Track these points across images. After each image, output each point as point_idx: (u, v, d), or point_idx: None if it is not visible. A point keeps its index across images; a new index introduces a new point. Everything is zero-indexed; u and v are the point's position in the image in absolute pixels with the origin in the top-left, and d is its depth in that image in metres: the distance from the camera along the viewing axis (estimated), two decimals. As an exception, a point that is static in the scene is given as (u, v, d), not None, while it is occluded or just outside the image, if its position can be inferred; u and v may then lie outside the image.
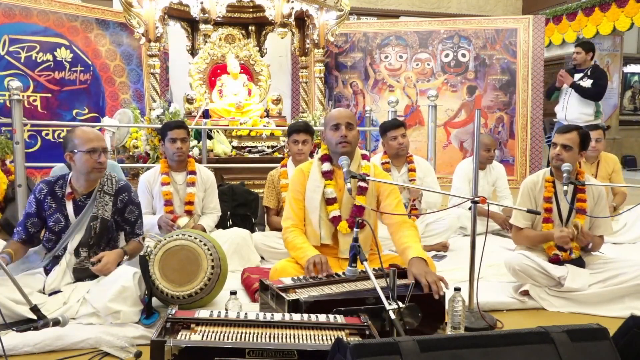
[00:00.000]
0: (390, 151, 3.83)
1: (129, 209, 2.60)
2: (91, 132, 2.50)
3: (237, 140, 5.20)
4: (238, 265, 3.17)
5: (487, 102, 7.14)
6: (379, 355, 1.22)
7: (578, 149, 2.79)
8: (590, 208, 2.83)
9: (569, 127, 2.88)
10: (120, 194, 2.58)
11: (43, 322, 1.81)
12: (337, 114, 2.55)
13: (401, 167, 3.88)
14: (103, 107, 6.40)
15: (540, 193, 2.88)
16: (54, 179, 2.56)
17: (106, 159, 2.49)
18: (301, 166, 2.69)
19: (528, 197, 2.91)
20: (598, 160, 4.27)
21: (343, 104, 7.34)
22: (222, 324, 1.74)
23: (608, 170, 4.24)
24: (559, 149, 2.79)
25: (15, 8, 5.69)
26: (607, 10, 7.68)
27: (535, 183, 2.92)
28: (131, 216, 2.61)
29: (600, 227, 2.85)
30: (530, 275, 2.71)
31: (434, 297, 2.04)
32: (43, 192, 2.50)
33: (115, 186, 2.58)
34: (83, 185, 2.52)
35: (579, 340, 1.32)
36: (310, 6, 5.55)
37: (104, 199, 2.53)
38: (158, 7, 5.14)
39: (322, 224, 2.56)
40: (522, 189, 2.97)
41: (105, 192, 2.54)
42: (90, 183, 2.53)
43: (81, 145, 2.43)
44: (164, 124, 3.43)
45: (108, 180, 2.57)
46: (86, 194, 2.52)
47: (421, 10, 9.91)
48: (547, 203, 2.84)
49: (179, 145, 3.26)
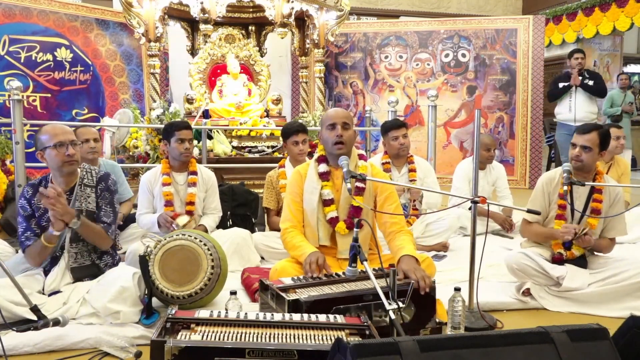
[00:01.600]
0: (391, 151, 3.83)
1: (102, 194, 2.57)
2: (57, 127, 2.49)
3: (237, 140, 5.20)
4: (238, 265, 3.17)
5: (487, 102, 7.14)
6: (379, 355, 1.22)
7: (598, 150, 2.73)
8: (605, 209, 2.78)
9: (588, 127, 2.78)
10: (100, 183, 2.57)
11: (43, 322, 1.80)
12: (333, 113, 2.54)
13: (401, 167, 3.88)
14: (103, 107, 6.40)
15: (555, 190, 2.83)
16: (37, 180, 2.55)
17: (76, 151, 2.45)
18: (298, 168, 2.69)
19: (542, 193, 2.87)
20: (612, 162, 4.27)
21: (343, 104, 7.34)
22: (222, 324, 1.74)
23: (618, 173, 4.24)
24: (579, 149, 2.72)
25: (15, 8, 5.69)
26: (607, 10, 7.67)
27: (552, 179, 2.86)
28: (102, 202, 2.57)
29: (614, 228, 2.80)
30: (529, 275, 2.71)
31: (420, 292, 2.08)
32: (29, 193, 2.49)
33: (95, 177, 2.57)
34: (62, 182, 2.50)
35: (579, 340, 1.32)
36: (310, 6, 5.55)
37: (85, 191, 2.51)
38: (158, 7, 5.14)
39: (320, 226, 2.56)
40: (537, 184, 2.92)
41: (85, 185, 2.53)
42: (69, 178, 2.51)
43: (48, 141, 2.42)
44: (170, 123, 3.37)
45: (87, 173, 2.56)
46: (69, 190, 2.50)
47: (421, 10, 9.91)
48: (561, 200, 2.79)
49: (187, 145, 3.25)
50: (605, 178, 2.85)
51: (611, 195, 2.81)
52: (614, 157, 4.28)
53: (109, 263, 2.60)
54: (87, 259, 2.52)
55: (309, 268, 2.29)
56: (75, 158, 2.46)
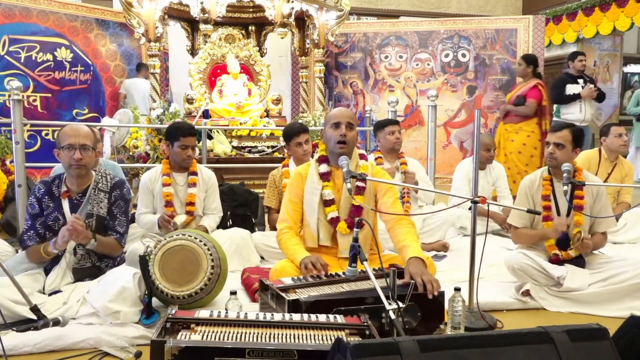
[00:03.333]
0: (387, 145, 3.93)
1: (117, 203, 2.57)
2: (73, 129, 2.46)
3: (237, 140, 5.20)
4: (238, 265, 3.17)
5: (487, 102, 7.14)
6: (379, 355, 1.22)
7: (571, 147, 2.80)
8: (589, 205, 2.83)
9: (560, 125, 2.88)
10: (114, 190, 2.57)
11: (43, 322, 1.80)
12: (338, 112, 2.56)
13: (393, 162, 4.00)
14: (103, 107, 6.40)
15: (538, 191, 2.88)
16: (51, 178, 2.56)
17: (82, 156, 2.41)
18: (299, 168, 2.70)
19: (525, 196, 2.92)
20: (616, 162, 4.26)
21: (343, 104, 7.33)
22: (222, 324, 1.74)
23: (622, 174, 4.23)
24: (552, 147, 2.81)
25: (15, 8, 5.69)
26: (607, 10, 7.68)
27: (533, 182, 2.92)
28: (117, 210, 2.57)
29: (602, 222, 2.85)
30: (530, 275, 2.71)
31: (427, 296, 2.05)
32: (41, 191, 2.50)
33: (110, 183, 2.57)
34: (75, 183, 2.51)
35: (579, 340, 1.32)
36: (310, 6, 5.55)
37: (98, 196, 2.52)
38: (158, 7, 5.14)
39: (320, 226, 2.56)
40: (520, 188, 2.98)
41: (100, 190, 2.53)
42: (82, 181, 2.51)
43: (61, 142, 2.43)
44: (175, 126, 3.28)
45: (103, 178, 2.56)
46: (81, 192, 2.51)
47: (421, 10, 9.91)
48: (545, 201, 2.85)
49: (190, 153, 3.24)
50: (585, 174, 2.88)
51: (593, 192, 2.85)
52: (619, 158, 4.28)
53: (110, 264, 2.60)
54: (88, 261, 2.53)
55: (305, 270, 2.31)
56: (83, 163, 2.43)
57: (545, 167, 2.96)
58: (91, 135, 2.51)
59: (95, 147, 2.52)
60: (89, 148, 2.45)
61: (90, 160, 2.48)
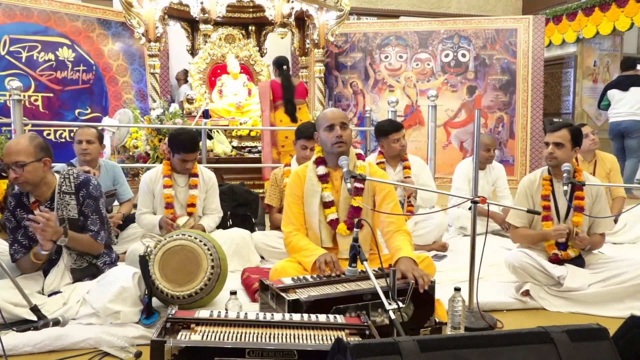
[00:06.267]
0: (391, 153, 3.82)
1: (86, 202, 2.50)
2: (7, 147, 2.36)
3: (237, 140, 5.20)
4: (238, 265, 3.17)
5: (487, 102, 7.14)
6: (379, 355, 1.22)
7: (570, 146, 2.80)
8: (588, 206, 2.83)
9: (559, 125, 2.88)
10: (80, 190, 2.49)
11: (43, 322, 1.80)
12: (330, 114, 2.53)
13: (396, 166, 3.89)
14: (106, 107, 6.40)
15: (537, 191, 2.88)
16: (18, 190, 2.49)
17: (17, 174, 2.31)
18: (297, 170, 2.68)
19: (525, 196, 2.92)
20: (595, 159, 4.26)
21: (343, 104, 7.34)
22: (222, 324, 1.74)
23: (605, 170, 4.23)
24: (552, 147, 2.81)
25: (15, 8, 5.69)
26: (607, 10, 7.67)
27: (533, 182, 2.92)
28: (88, 210, 2.50)
29: (601, 224, 2.85)
30: (530, 274, 2.71)
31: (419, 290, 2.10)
32: (12, 204, 2.46)
33: (74, 183, 2.49)
34: (39, 192, 2.44)
35: (579, 340, 1.32)
36: (310, 6, 5.55)
37: (64, 199, 2.46)
38: (158, 7, 5.14)
39: (322, 228, 2.56)
40: (519, 187, 2.98)
41: (64, 192, 2.46)
42: (42, 190, 2.43)
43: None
44: (177, 139, 3.20)
45: (66, 180, 2.49)
46: (49, 199, 2.45)
47: (421, 10, 9.91)
48: (545, 201, 2.85)
49: (190, 165, 3.25)
50: (585, 175, 2.88)
51: (592, 192, 2.85)
52: (596, 154, 4.27)
53: (107, 261, 2.60)
54: (84, 260, 2.52)
55: (324, 267, 2.30)
56: (21, 181, 2.33)
57: (545, 167, 2.96)
58: (27, 148, 2.34)
59: (42, 158, 2.38)
60: (22, 164, 2.31)
61: (30, 176, 2.34)
